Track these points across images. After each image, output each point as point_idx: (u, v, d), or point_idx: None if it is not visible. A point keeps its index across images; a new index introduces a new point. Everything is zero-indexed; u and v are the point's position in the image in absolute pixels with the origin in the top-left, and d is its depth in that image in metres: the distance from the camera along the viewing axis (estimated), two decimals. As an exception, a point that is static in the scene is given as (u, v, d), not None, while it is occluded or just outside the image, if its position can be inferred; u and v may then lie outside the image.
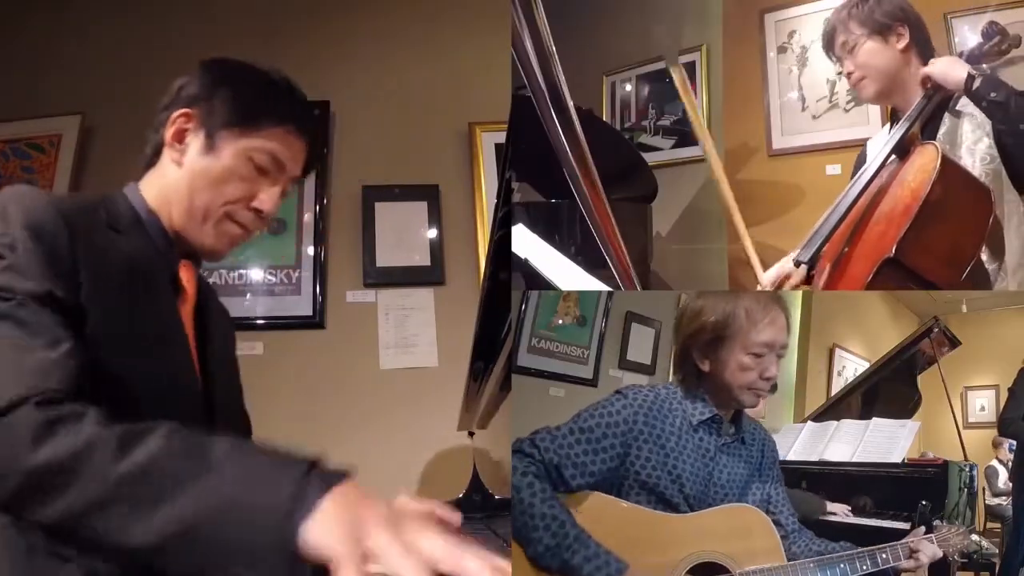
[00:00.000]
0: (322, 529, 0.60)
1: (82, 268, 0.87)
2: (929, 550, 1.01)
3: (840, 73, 1.40)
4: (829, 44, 1.37)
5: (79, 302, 0.85)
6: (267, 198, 1.05)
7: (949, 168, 1.20)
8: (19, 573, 0.78)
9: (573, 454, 0.94)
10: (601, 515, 0.91)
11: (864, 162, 1.42)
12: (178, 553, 0.63)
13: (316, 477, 0.64)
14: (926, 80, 1.29)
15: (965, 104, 1.26)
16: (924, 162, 1.23)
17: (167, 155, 1.05)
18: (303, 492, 0.62)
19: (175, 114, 1.04)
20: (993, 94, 1.18)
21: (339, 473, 0.65)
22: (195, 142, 1.03)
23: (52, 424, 0.68)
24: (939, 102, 1.30)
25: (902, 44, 1.31)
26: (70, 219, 0.88)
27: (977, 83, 1.20)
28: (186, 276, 1.05)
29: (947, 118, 1.30)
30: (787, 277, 1.38)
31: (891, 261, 1.18)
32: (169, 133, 1.04)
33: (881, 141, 1.37)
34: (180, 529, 0.62)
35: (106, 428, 0.68)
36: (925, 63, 1.30)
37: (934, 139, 1.29)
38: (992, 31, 1.29)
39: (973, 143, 1.26)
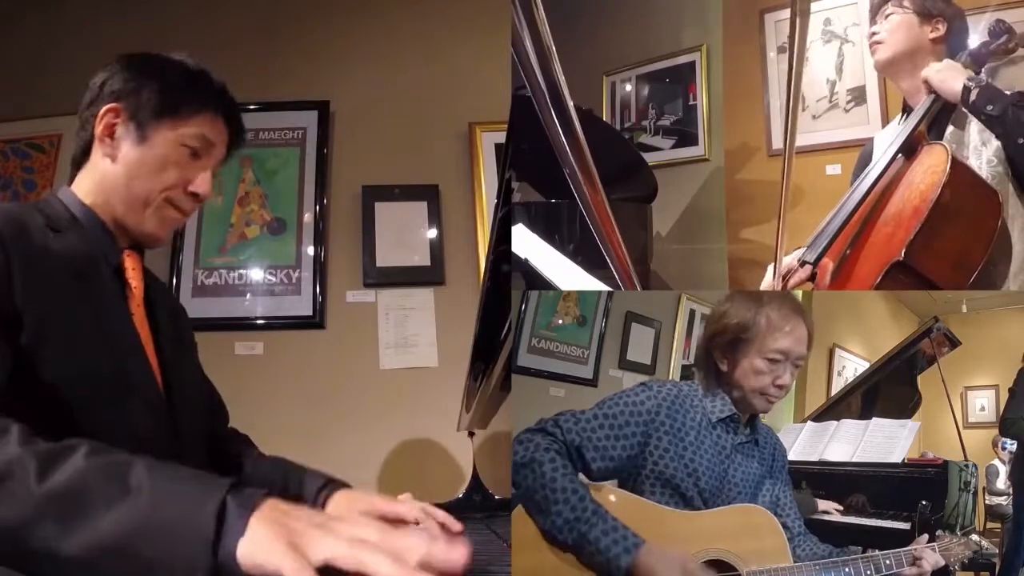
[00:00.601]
0: (257, 547, 0.60)
1: (16, 273, 0.87)
2: (932, 558, 1.01)
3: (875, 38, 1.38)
4: (876, 9, 1.37)
5: (15, 309, 0.85)
6: (202, 182, 1.10)
7: (959, 170, 1.18)
8: None
9: (596, 438, 0.96)
10: (611, 507, 0.91)
11: (869, 156, 1.41)
12: (105, 570, 0.62)
13: (236, 498, 0.63)
14: (925, 83, 1.28)
15: None
16: (933, 163, 1.22)
17: (99, 151, 1.08)
18: (226, 514, 0.62)
19: (102, 110, 1.07)
20: (989, 107, 1.17)
21: (257, 492, 0.65)
22: (126, 135, 1.07)
23: None
24: (944, 104, 1.29)
25: (935, 35, 1.30)
26: (1, 226, 0.89)
27: (973, 96, 1.19)
28: (131, 265, 1.08)
29: (954, 118, 1.29)
30: (790, 272, 1.38)
31: (899, 264, 1.17)
32: (99, 129, 1.06)
33: (889, 136, 1.36)
34: (103, 548, 0.62)
35: (28, 447, 0.68)
36: None
37: (941, 139, 1.28)
38: (1000, 29, 1.28)
39: (980, 144, 1.25)
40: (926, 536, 1.07)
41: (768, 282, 1.37)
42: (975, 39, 1.34)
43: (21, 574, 0.69)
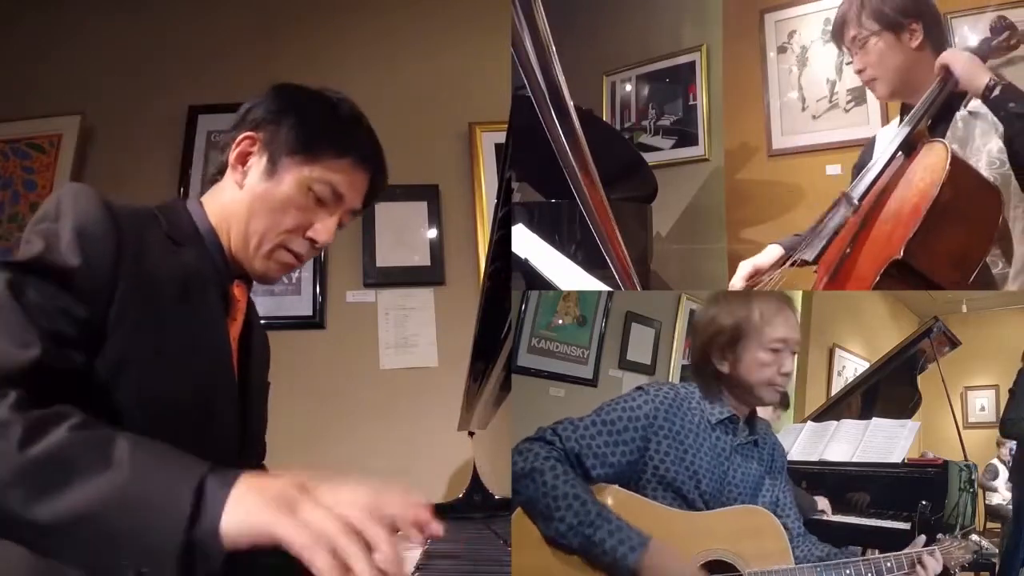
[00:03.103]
0: (246, 514, 0.63)
1: (123, 278, 0.85)
2: (933, 565, 1.02)
3: (849, 63, 1.34)
4: (839, 35, 1.32)
5: (105, 326, 0.83)
6: (323, 228, 1.04)
7: (959, 168, 1.17)
8: (27, 571, 0.78)
9: (595, 445, 0.96)
10: (614, 507, 0.92)
11: (870, 154, 1.39)
12: (74, 540, 0.64)
13: (216, 478, 0.65)
14: (944, 71, 1.22)
15: (978, 104, 1.22)
16: (933, 161, 1.20)
17: (230, 176, 1.05)
18: (204, 492, 0.64)
19: (240, 136, 1.04)
20: (1012, 104, 1.14)
21: (237, 471, 0.67)
22: (257, 165, 1.03)
23: None
24: (947, 98, 1.25)
25: (916, 42, 1.26)
26: (124, 226, 0.87)
27: (997, 92, 1.15)
28: (239, 295, 1.06)
29: (957, 116, 1.26)
30: (758, 272, 1.36)
31: (899, 263, 1.17)
32: (233, 155, 1.04)
33: (889, 135, 1.34)
34: (77, 518, 0.63)
35: (18, 413, 0.68)
36: None
37: (943, 137, 1.25)
38: (1001, 26, 1.25)
39: (983, 144, 1.22)
40: (923, 538, 1.07)
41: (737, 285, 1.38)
42: (976, 36, 1.31)
43: None
